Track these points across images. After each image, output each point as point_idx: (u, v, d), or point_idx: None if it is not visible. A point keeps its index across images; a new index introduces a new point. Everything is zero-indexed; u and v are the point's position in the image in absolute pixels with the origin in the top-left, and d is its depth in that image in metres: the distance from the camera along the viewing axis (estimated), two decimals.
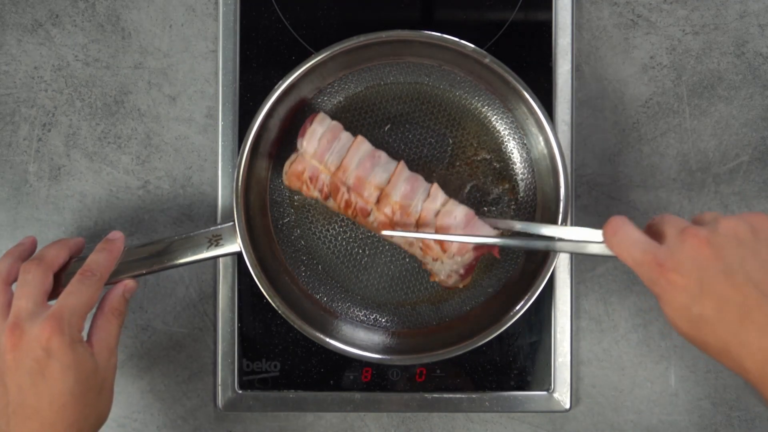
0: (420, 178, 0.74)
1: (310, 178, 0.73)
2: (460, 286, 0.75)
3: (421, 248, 0.73)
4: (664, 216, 0.62)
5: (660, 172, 0.81)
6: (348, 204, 0.73)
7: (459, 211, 0.72)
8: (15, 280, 0.68)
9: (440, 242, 0.72)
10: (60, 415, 0.63)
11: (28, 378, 0.63)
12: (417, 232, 0.72)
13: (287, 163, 0.74)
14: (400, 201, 0.73)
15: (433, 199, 0.73)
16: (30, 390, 0.63)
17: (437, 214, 0.73)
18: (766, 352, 0.56)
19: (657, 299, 0.60)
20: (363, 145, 0.73)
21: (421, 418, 0.82)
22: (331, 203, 0.74)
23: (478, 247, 0.72)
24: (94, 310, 0.68)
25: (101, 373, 0.66)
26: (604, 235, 0.63)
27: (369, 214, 0.73)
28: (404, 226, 0.73)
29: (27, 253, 0.71)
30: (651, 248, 0.60)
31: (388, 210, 0.73)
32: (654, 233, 0.62)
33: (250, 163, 0.74)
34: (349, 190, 0.73)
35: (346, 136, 0.74)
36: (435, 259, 0.73)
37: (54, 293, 0.68)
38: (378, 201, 0.73)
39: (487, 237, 0.70)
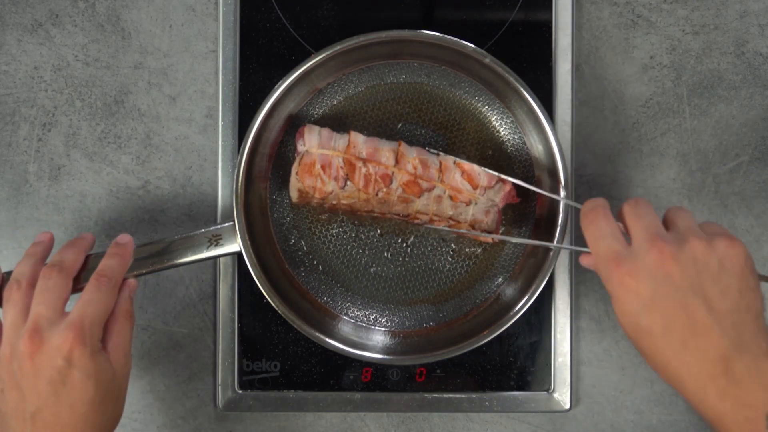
0: None
1: (323, 168, 0.73)
2: (491, 240, 0.76)
3: (451, 197, 0.74)
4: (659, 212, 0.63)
5: (660, 172, 0.81)
6: (368, 180, 0.73)
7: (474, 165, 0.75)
8: (35, 282, 0.68)
9: (469, 179, 0.74)
10: (80, 425, 0.64)
11: (48, 386, 0.63)
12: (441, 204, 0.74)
13: (294, 166, 0.74)
14: (417, 156, 0.74)
15: (445, 156, 0.75)
16: (50, 398, 0.63)
17: (455, 161, 0.75)
18: (704, 375, 0.57)
19: (610, 297, 0.61)
20: (359, 135, 0.75)
21: (421, 418, 0.82)
22: (348, 190, 0.74)
23: (503, 180, 0.75)
24: None
25: (119, 380, 0.67)
26: (581, 217, 0.64)
27: (391, 181, 0.73)
28: (428, 180, 0.74)
29: (47, 252, 0.70)
30: (615, 245, 0.60)
31: (409, 166, 0.74)
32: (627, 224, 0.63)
33: (250, 163, 0.74)
34: (365, 162, 0.73)
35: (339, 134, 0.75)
36: (468, 203, 0.74)
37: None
38: (396, 162, 0.74)
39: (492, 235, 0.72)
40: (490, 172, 0.74)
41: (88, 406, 0.64)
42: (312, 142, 0.74)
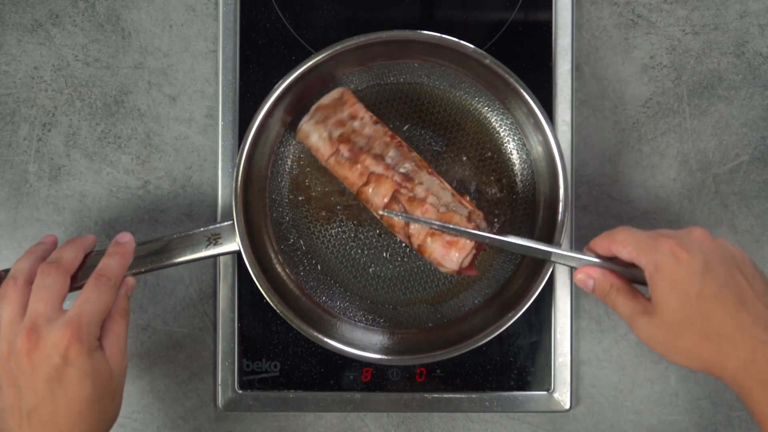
0: None
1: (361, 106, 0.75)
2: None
3: (452, 194, 0.74)
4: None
5: (660, 172, 0.81)
6: (394, 136, 0.74)
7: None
8: (34, 280, 0.68)
9: (470, 201, 0.74)
10: (77, 422, 0.64)
11: (45, 384, 0.63)
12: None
13: (344, 88, 0.76)
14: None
15: None
16: (47, 396, 0.63)
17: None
18: (757, 340, 0.60)
19: (651, 276, 0.62)
20: None
21: (421, 418, 0.82)
22: (377, 127, 0.74)
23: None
24: None
25: (116, 379, 0.67)
26: (607, 232, 0.65)
27: (412, 152, 0.74)
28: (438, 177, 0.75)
29: (47, 253, 0.70)
30: (656, 232, 0.64)
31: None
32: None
33: (250, 163, 0.74)
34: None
35: None
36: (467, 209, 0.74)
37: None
38: None
39: (488, 234, 0.71)
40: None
41: (84, 404, 0.64)
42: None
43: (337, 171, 0.74)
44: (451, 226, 0.71)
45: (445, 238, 0.72)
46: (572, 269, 0.74)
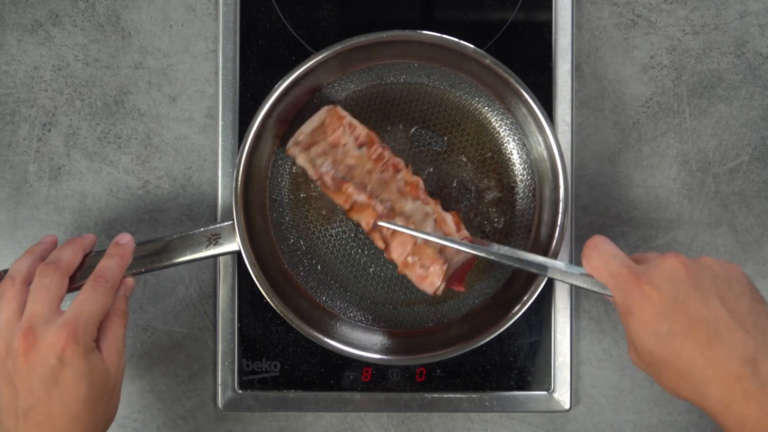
0: None
1: (349, 125, 0.74)
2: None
3: (436, 220, 0.74)
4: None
5: (660, 172, 0.81)
6: (381, 157, 0.74)
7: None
8: (32, 280, 0.68)
9: (456, 223, 0.74)
10: (72, 423, 0.64)
11: (41, 385, 0.63)
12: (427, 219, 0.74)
13: (324, 109, 0.75)
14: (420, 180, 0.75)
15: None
16: (42, 397, 0.63)
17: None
18: (731, 376, 0.55)
19: (623, 316, 0.60)
20: None
21: (421, 418, 0.82)
22: (360, 152, 0.74)
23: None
24: None
25: (112, 380, 0.66)
26: (584, 248, 0.64)
27: (399, 172, 0.74)
28: (425, 199, 0.74)
29: (47, 253, 0.70)
30: (628, 263, 0.61)
31: (414, 178, 0.74)
32: (635, 260, 0.63)
33: (250, 163, 0.74)
34: (383, 148, 0.74)
35: None
36: (447, 233, 0.74)
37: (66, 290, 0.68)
38: (407, 166, 0.75)
39: (481, 247, 0.71)
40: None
41: (80, 405, 0.64)
42: (343, 111, 0.75)
43: (325, 192, 0.75)
44: (432, 239, 0.72)
45: (417, 271, 0.73)
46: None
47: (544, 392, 0.79)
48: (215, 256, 0.74)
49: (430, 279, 0.74)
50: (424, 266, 0.73)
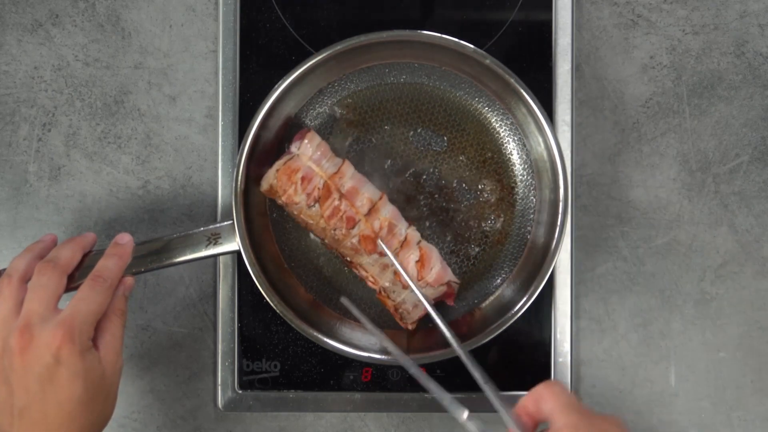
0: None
1: (303, 179, 0.73)
2: (409, 327, 0.76)
3: (395, 272, 0.74)
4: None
5: (660, 172, 0.81)
6: (335, 212, 0.73)
7: (435, 254, 0.74)
8: (30, 277, 0.68)
9: (421, 266, 0.73)
10: (67, 422, 0.64)
11: (36, 383, 0.63)
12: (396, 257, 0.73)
13: (279, 163, 0.74)
14: (390, 218, 0.74)
15: (413, 231, 0.75)
16: (38, 395, 0.63)
17: (419, 242, 0.74)
18: None
19: None
20: (351, 167, 0.75)
21: (421, 418, 0.82)
22: (312, 211, 0.73)
23: (449, 283, 0.74)
24: None
25: (108, 379, 0.66)
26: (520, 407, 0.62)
27: (355, 226, 0.73)
28: (388, 244, 0.73)
29: (46, 251, 0.70)
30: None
31: (377, 224, 0.73)
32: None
33: (250, 162, 0.74)
34: (341, 197, 0.73)
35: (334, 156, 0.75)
36: (405, 287, 0.74)
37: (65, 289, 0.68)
38: (368, 213, 0.73)
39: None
40: (447, 275, 0.73)
41: (75, 404, 0.63)
42: (307, 151, 0.73)
43: None
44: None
45: (390, 306, 0.75)
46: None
47: None
48: (215, 256, 0.74)
49: (403, 320, 0.75)
50: (396, 308, 0.75)
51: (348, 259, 0.75)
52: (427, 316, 0.73)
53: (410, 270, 0.73)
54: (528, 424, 0.62)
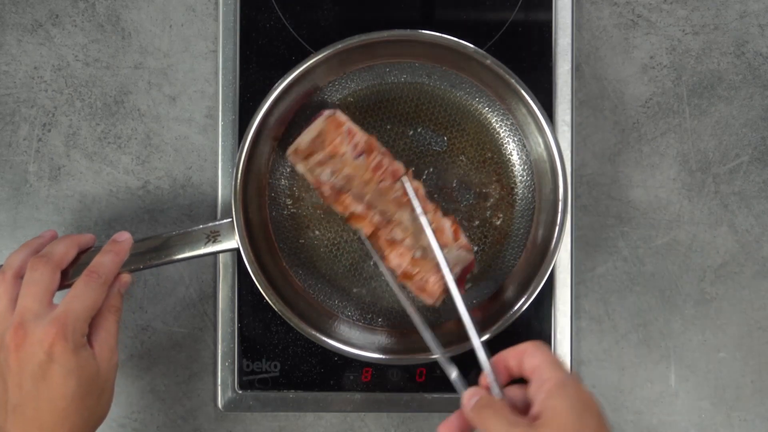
0: None
1: (349, 131, 0.74)
2: (436, 303, 0.76)
3: (433, 232, 0.74)
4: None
5: (660, 172, 0.81)
6: (379, 166, 0.73)
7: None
8: (22, 273, 0.67)
9: (456, 230, 0.74)
10: (60, 419, 0.63)
11: (29, 381, 0.63)
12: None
13: (323, 116, 0.74)
14: (420, 185, 0.75)
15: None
16: (31, 392, 0.63)
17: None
18: None
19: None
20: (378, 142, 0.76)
21: (421, 418, 0.82)
22: (358, 161, 0.73)
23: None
24: None
25: (103, 376, 0.66)
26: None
27: (398, 180, 0.74)
28: (424, 202, 0.74)
29: (43, 247, 0.70)
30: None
31: (416, 183, 0.74)
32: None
33: (249, 161, 0.74)
34: (383, 154, 0.74)
35: None
36: (444, 246, 0.73)
37: (59, 286, 0.68)
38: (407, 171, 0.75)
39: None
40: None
41: (68, 401, 0.63)
42: (342, 116, 0.74)
43: (324, 201, 0.76)
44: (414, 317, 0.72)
45: (416, 282, 0.74)
46: None
47: None
48: (214, 254, 0.74)
49: (429, 290, 0.74)
50: (423, 278, 0.74)
51: (387, 219, 0.74)
52: (448, 295, 0.73)
53: (447, 233, 0.74)
54: (503, 375, 0.62)
